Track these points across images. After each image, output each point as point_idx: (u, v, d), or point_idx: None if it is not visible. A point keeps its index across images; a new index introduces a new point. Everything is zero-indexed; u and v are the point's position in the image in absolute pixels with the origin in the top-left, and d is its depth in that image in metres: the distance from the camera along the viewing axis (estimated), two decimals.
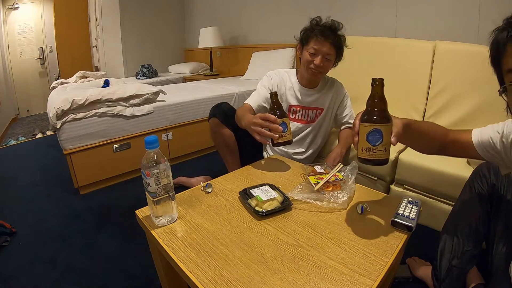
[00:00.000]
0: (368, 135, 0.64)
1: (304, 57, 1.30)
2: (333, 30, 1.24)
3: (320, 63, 1.25)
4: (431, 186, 1.26)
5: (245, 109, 1.30)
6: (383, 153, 0.64)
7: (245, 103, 1.35)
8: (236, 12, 3.49)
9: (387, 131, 0.63)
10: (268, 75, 1.43)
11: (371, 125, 0.63)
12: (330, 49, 1.24)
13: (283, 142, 1.05)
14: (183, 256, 0.65)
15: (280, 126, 1.00)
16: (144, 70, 3.55)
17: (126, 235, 1.38)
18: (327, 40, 1.22)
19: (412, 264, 1.10)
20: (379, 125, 0.63)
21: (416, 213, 0.76)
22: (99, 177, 1.86)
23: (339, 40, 1.26)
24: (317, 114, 1.43)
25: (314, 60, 1.25)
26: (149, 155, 0.69)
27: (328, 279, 0.58)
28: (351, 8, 2.32)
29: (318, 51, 1.24)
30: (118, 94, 1.83)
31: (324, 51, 1.24)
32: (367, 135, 0.64)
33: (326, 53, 1.24)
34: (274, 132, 1.00)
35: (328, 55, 1.25)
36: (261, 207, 0.80)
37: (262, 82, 1.42)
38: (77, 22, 4.41)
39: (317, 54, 1.25)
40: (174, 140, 2.15)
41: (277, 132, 1.01)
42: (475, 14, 1.68)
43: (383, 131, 0.63)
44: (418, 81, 1.67)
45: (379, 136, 0.63)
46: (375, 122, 0.63)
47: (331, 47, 1.24)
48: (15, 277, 1.16)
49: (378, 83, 0.66)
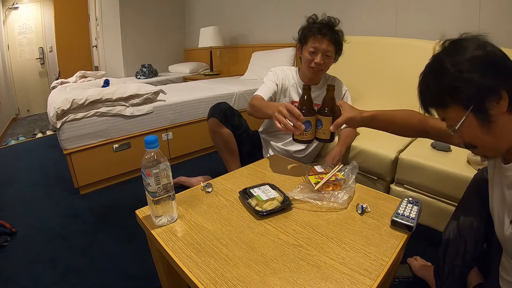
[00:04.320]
0: (316, 121, 0.99)
1: (304, 56, 1.30)
2: (330, 27, 1.25)
3: (320, 61, 1.26)
4: (431, 185, 1.26)
5: (261, 99, 1.29)
6: (322, 135, 1.00)
7: (257, 94, 1.33)
8: (236, 12, 3.49)
9: (326, 121, 0.96)
10: (273, 70, 1.43)
11: (318, 116, 0.98)
12: (329, 46, 1.25)
13: (303, 140, 1.02)
14: (183, 256, 0.65)
15: (304, 124, 0.95)
16: (144, 69, 3.55)
17: (126, 235, 1.38)
18: (325, 38, 1.23)
19: (413, 264, 1.10)
20: (321, 117, 0.97)
21: (416, 212, 0.76)
22: (99, 177, 1.86)
23: (337, 35, 1.26)
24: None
25: (315, 58, 1.26)
26: (149, 155, 0.69)
27: (328, 278, 0.58)
28: (351, 7, 2.32)
29: (317, 49, 1.25)
30: (118, 94, 1.83)
31: (323, 49, 1.25)
32: (315, 120, 0.99)
33: (326, 50, 1.25)
34: (296, 128, 0.95)
35: (328, 52, 1.26)
36: (261, 207, 0.80)
37: (268, 76, 1.42)
38: (77, 22, 4.42)
39: (317, 52, 1.26)
40: (174, 140, 2.15)
41: (299, 130, 0.96)
42: (475, 14, 1.68)
43: (323, 121, 0.97)
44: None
45: (320, 123, 0.98)
46: (320, 114, 0.98)
47: (330, 43, 1.24)
48: (15, 277, 1.16)
49: (330, 88, 0.97)
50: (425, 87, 0.63)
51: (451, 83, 0.56)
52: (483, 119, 0.56)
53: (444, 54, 0.59)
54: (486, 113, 0.55)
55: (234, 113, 1.46)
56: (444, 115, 0.63)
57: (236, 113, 1.48)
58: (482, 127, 0.57)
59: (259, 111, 1.22)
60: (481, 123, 0.57)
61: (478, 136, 0.59)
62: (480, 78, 0.53)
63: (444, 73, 0.57)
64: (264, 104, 1.24)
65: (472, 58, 0.55)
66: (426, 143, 1.43)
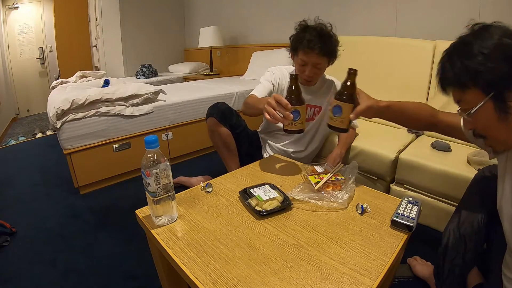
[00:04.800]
0: (333, 108, 0.89)
1: (296, 65, 1.31)
2: (321, 38, 1.18)
3: (310, 74, 1.25)
4: (431, 185, 1.26)
5: (255, 97, 1.28)
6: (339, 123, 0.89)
7: (252, 94, 1.32)
8: (236, 12, 3.49)
9: (347, 108, 0.86)
10: (270, 70, 1.43)
11: (336, 102, 0.88)
12: (318, 59, 1.21)
13: (293, 130, 0.99)
14: (183, 256, 0.65)
15: (292, 114, 0.93)
16: (144, 69, 3.55)
17: (126, 235, 1.38)
18: (314, 51, 1.18)
19: (413, 264, 1.10)
20: (341, 103, 0.87)
21: (416, 212, 0.76)
22: (99, 177, 1.86)
23: (329, 46, 1.21)
24: (315, 112, 1.43)
25: (305, 71, 1.25)
26: (149, 155, 0.69)
27: (328, 278, 0.58)
28: (351, 7, 2.32)
29: (307, 62, 1.23)
30: (118, 93, 1.83)
31: (313, 62, 1.22)
32: (332, 107, 0.89)
33: (316, 63, 1.22)
34: (284, 117, 0.94)
35: (318, 65, 1.23)
36: (261, 207, 0.80)
37: (265, 76, 1.41)
38: (77, 22, 4.41)
39: (307, 65, 1.24)
40: (174, 140, 2.15)
41: (287, 120, 0.94)
42: (475, 14, 1.68)
43: (343, 107, 0.87)
44: (418, 81, 1.67)
45: (339, 110, 0.87)
46: (339, 100, 0.87)
47: (320, 56, 1.20)
48: (15, 277, 1.16)
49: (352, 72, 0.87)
50: (448, 66, 0.61)
51: (476, 66, 0.55)
52: (500, 108, 0.55)
53: (472, 37, 0.57)
54: (505, 103, 0.55)
55: (232, 112, 1.46)
56: (461, 97, 0.61)
57: (234, 112, 1.48)
58: (498, 116, 0.56)
59: (252, 107, 1.20)
60: (498, 112, 0.56)
61: (491, 125, 0.58)
62: (505, 67, 0.53)
63: (470, 55, 0.56)
64: (256, 100, 1.22)
65: (500, 45, 0.54)
66: (426, 143, 1.43)
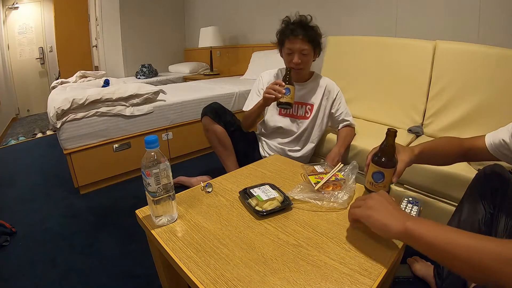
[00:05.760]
0: (373, 174, 0.81)
1: (284, 58, 1.39)
2: (303, 26, 1.30)
3: (298, 60, 1.32)
4: (431, 185, 1.26)
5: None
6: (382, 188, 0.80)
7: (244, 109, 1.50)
8: (236, 12, 3.48)
9: (389, 173, 0.79)
10: (260, 76, 1.53)
11: (377, 167, 0.80)
12: (303, 44, 1.30)
13: (284, 102, 1.24)
14: (183, 256, 0.65)
15: (284, 90, 1.22)
16: (144, 69, 3.55)
17: (126, 235, 1.38)
18: (297, 38, 1.29)
19: (413, 264, 1.10)
20: (383, 169, 0.79)
21: (416, 212, 0.76)
22: (99, 177, 1.86)
23: (311, 32, 1.31)
24: (307, 110, 1.45)
25: (293, 59, 1.32)
26: (149, 155, 0.69)
27: (328, 278, 0.58)
28: (351, 7, 2.32)
29: (293, 49, 1.31)
30: (118, 93, 1.83)
31: (298, 48, 1.30)
32: (373, 173, 0.81)
33: (301, 49, 1.30)
34: (277, 92, 1.22)
35: (303, 51, 1.31)
36: (261, 207, 0.80)
37: (253, 86, 1.53)
38: (77, 22, 4.42)
39: (293, 53, 1.32)
40: (174, 139, 2.15)
41: (280, 93, 1.22)
42: (475, 14, 1.68)
43: (385, 173, 0.79)
44: (418, 81, 1.67)
45: (381, 176, 0.80)
46: (381, 166, 0.79)
47: (304, 42, 1.29)
48: (15, 277, 1.16)
49: (391, 133, 0.78)
50: None
51: None
52: None
53: None
54: None
55: (226, 111, 1.50)
56: None
57: (228, 111, 1.51)
58: None
59: (250, 115, 1.40)
60: None
61: None
62: None
63: None
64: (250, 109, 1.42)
65: None
66: None
